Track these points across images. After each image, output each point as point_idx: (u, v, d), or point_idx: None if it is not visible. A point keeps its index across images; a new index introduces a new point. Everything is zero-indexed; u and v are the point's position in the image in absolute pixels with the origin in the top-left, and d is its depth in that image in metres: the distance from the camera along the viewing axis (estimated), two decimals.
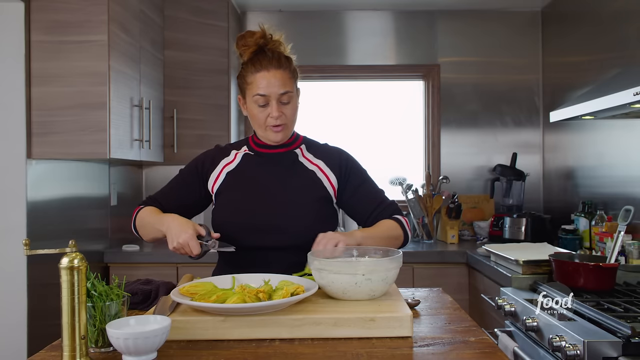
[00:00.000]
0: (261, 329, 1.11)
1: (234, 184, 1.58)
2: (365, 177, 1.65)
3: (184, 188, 1.61)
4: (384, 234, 1.53)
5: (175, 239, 1.37)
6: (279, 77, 1.48)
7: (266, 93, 1.48)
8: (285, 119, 1.52)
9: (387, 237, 1.53)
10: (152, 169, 3.54)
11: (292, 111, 1.54)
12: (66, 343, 0.98)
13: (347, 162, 1.63)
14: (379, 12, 3.64)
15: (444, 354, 1.04)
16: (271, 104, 1.49)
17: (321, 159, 1.61)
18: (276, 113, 1.49)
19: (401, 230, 1.57)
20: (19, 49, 2.25)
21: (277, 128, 1.52)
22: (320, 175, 1.58)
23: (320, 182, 1.57)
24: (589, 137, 2.97)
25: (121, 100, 2.45)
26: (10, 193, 2.23)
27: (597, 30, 2.87)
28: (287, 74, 1.51)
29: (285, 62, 1.52)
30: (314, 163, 1.60)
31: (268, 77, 1.48)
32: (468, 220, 3.51)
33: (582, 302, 1.69)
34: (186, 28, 3.13)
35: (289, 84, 1.51)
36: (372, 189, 1.64)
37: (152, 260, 2.90)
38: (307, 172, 1.58)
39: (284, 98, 1.50)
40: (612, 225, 2.45)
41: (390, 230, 1.55)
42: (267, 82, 1.48)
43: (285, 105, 1.51)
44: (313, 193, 1.55)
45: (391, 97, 3.73)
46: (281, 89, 1.49)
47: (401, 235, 1.56)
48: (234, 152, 1.63)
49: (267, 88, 1.48)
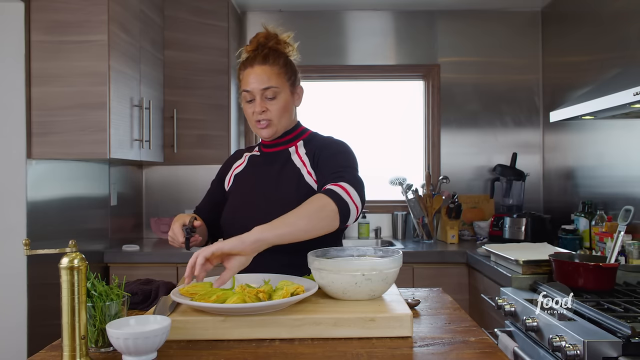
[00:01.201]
0: (261, 329, 1.11)
1: (238, 185, 1.61)
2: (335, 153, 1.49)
3: (213, 196, 1.69)
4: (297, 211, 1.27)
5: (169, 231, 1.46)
6: (263, 73, 1.50)
7: (250, 89, 1.51)
8: (270, 115, 1.52)
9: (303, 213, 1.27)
10: (152, 169, 3.54)
11: (278, 107, 1.52)
12: (66, 343, 0.98)
13: (322, 146, 1.53)
14: (379, 12, 3.64)
15: (444, 354, 1.04)
16: (255, 99, 1.51)
17: (308, 153, 1.55)
18: (258, 108, 1.50)
19: (329, 199, 1.29)
20: (19, 49, 2.25)
21: (262, 124, 1.53)
22: (304, 172, 1.52)
23: (303, 178, 1.51)
24: (589, 137, 2.97)
25: (121, 100, 2.45)
26: (10, 193, 2.23)
27: (597, 30, 2.87)
28: (275, 70, 1.51)
29: (274, 58, 1.52)
30: (302, 160, 1.55)
31: (253, 73, 1.51)
32: (468, 220, 3.51)
33: (582, 302, 1.69)
34: (186, 28, 3.13)
35: (274, 80, 1.50)
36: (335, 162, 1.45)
37: (152, 260, 2.90)
38: (294, 169, 1.54)
39: (267, 93, 1.50)
40: (612, 225, 2.45)
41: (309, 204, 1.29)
42: (252, 78, 1.51)
43: (270, 100, 1.51)
44: (299, 191, 1.49)
45: (391, 97, 3.73)
46: (263, 84, 1.49)
47: (328, 203, 1.28)
48: (245, 155, 1.68)
49: (251, 84, 1.51)
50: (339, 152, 1.50)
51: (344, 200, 1.31)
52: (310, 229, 1.27)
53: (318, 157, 1.50)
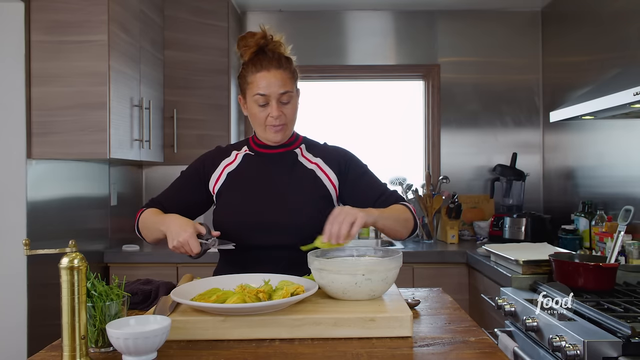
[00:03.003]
0: (261, 329, 1.11)
1: (235, 184, 1.59)
2: (366, 169, 1.64)
3: (185, 189, 1.62)
4: (397, 214, 1.50)
5: (175, 238, 1.36)
6: (279, 77, 1.49)
7: (266, 93, 1.49)
8: (285, 119, 1.53)
9: (400, 218, 1.50)
10: (152, 169, 3.54)
11: (291, 111, 1.55)
12: (66, 343, 0.98)
13: (346, 157, 1.63)
14: (379, 12, 3.64)
15: (444, 354, 1.04)
16: (271, 103, 1.50)
17: (320, 157, 1.61)
18: (276, 112, 1.50)
19: (410, 214, 1.54)
20: (19, 49, 2.25)
21: (277, 128, 1.53)
22: (320, 174, 1.58)
23: (320, 180, 1.57)
24: (589, 137, 2.97)
25: (121, 100, 2.45)
26: (10, 193, 2.23)
27: (597, 30, 2.87)
28: (287, 74, 1.52)
29: (286, 63, 1.53)
30: (313, 162, 1.60)
31: (268, 77, 1.49)
32: (468, 220, 3.51)
33: (582, 302, 1.69)
34: (186, 28, 3.13)
35: (289, 84, 1.52)
36: (373, 179, 1.63)
37: (152, 260, 2.90)
38: (306, 171, 1.58)
39: (283, 98, 1.51)
40: (612, 225, 2.45)
41: (401, 212, 1.52)
42: (267, 82, 1.49)
43: (285, 105, 1.52)
44: (313, 191, 1.55)
45: (391, 97, 3.73)
46: (281, 89, 1.50)
47: (411, 218, 1.54)
48: (235, 153, 1.64)
49: (267, 88, 1.49)
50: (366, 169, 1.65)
51: (415, 218, 1.57)
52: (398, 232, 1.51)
53: (347, 168, 1.61)
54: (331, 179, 1.58)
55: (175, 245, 1.36)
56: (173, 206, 1.57)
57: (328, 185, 1.58)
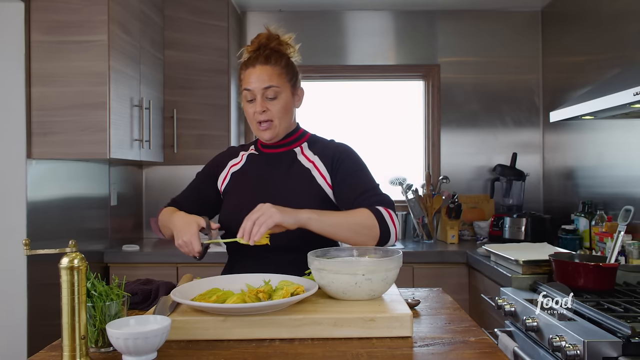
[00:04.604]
0: (261, 329, 1.11)
1: (238, 184, 1.61)
2: (359, 168, 1.56)
3: (199, 189, 1.67)
4: (348, 219, 1.40)
5: (179, 237, 1.41)
6: (265, 72, 1.51)
7: (251, 88, 1.52)
8: (271, 115, 1.53)
9: (354, 223, 1.39)
10: (152, 169, 3.54)
11: (279, 107, 1.53)
12: (66, 343, 0.98)
13: (341, 154, 1.57)
14: (379, 12, 3.64)
15: (444, 354, 1.04)
16: (256, 98, 1.52)
17: (317, 154, 1.58)
18: (259, 107, 1.51)
19: (375, 221, 1.40)
20: (19, 49, 2.25)
21: (264, 125, 1.53)
22: (315, 173, 1.55)
23: (314, 180, 1.55)
24: (589, 137, 2.97)
25: (121, 100, 2.45)
26: (10, 193, 2.23)
27: (597, 30, 2.87)
28: (276, 70, 1.52)
29: (276, 59, 1.53)
30: (310, 160, 1.58)
31: (254, 72, 1.52)
32: (468, 220, 3.51)
33: (582, 302, 1.69)
34: (186, 28, 3.13)
35: (275, 80, 1.52)
36: (362, 179, 1.53)
37: (152, 260, 2.90)
38: (303, 170, 1.56)
39: (268, 93, 1.51)
40: (612, 225, 2.45)
41: (360, 218, 1.40)
42: (253, 78, 1.51)
43: (271, 100, 1.52)
44: (308, 191, 1.53)
45: (391, 97, 3.73)
46: (265, 84, 1.51)
47: (375, 225, 1.40)
48: (242, 153, 1.67)
49: (252, 83, 1.51)
50: (360, 168, 1.56)
51: (387, 227, 1.42)
52: (349, 240, 1.41)
53: (339, 164, 1.54)
54: (324, 177, 1.55)
55: (179, 243, 1.42)
56: (188, 205, 1.62)
57: (322, 183, 1.54)
